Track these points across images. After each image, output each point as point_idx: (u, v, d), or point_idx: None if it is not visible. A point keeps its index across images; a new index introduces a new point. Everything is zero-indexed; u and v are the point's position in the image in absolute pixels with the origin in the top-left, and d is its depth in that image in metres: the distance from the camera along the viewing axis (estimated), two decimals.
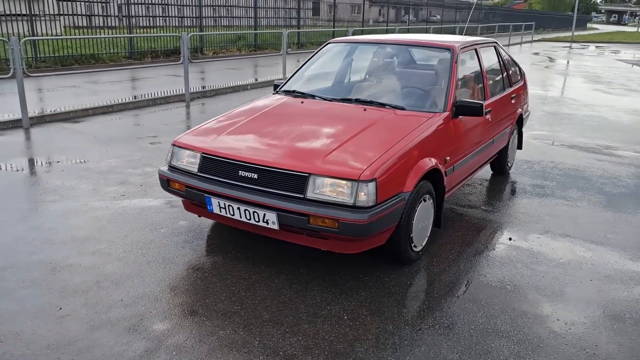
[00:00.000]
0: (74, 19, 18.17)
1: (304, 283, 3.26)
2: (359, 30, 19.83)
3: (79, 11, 16.47)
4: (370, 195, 2.96)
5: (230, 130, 3.66)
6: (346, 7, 42.20)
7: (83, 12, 17.65)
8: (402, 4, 53.44)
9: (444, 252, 3.74)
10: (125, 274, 3.31)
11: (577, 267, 3.57)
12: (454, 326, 2.85)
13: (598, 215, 4.54)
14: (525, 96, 5.88)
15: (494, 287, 3.27)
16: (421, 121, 3.64)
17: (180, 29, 18.11)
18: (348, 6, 43.25)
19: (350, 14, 47.80)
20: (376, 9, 54.88)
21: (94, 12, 21.45)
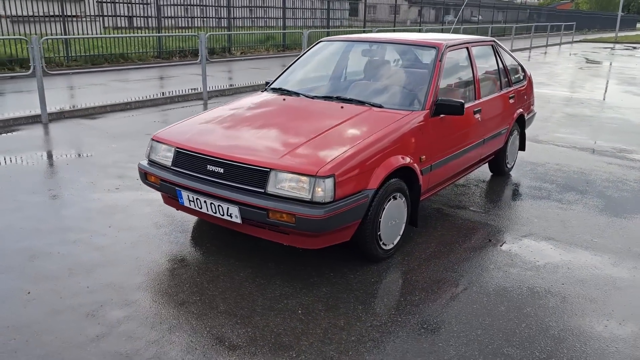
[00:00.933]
0: (115, 19, 18.80)
1: (268, 277, 3.30)
2: (383, 32, 19.72)
3: (120, 13, 17.03)
4: (327, 191, 2.97)
5: (206, 126, 3.74)
6: (384, 7, 42.00)
7: (124, 13, 18.26)
8: (442, 4, 52.81)
9: (417, 251, 3.71)
10: (98, 263, 3.43)
11: (552, 271, 3.49)
12: (406, 325, 2.83)
13: (590, 219, 4.41)
14: (529, 96, 5.76)
15: (458, 288, 3.23)
16: (396, 119, 3.63)
17: (217, 29, 18.41)
18: (386, 7, 43.02)
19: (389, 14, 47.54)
20: (415, 9, 54.41)
21: (134, 13, 22.17)
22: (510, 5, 45.79)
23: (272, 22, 20.74)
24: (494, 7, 42.44)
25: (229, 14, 18.23)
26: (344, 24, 30.54)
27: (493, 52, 5.12)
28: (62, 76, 12.02)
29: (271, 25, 20.42)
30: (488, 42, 5.13)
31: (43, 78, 7.43)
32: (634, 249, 3.85)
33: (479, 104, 4.48)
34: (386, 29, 23.84)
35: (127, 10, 20.56)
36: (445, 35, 4.82)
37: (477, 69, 4.59)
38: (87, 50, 13.28)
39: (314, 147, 3.25)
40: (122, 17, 20.02)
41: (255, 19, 20.68)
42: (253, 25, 20.64)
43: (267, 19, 21.23)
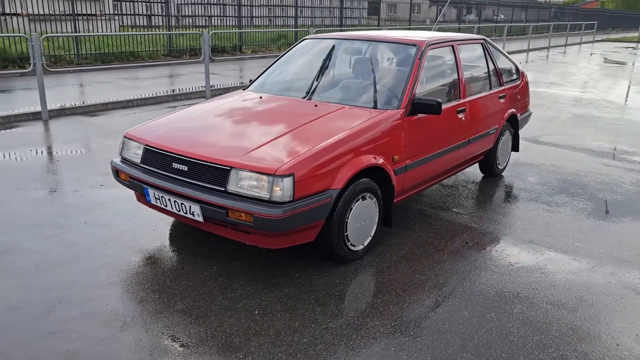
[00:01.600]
0: (134, 18, 19.04)
1: (232, 277, 3.27)
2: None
3: (139, 11, 17.25)
4: (286, 191, 2.93)
5: (177, 124, 3.73)
6: (405, 6, 41.64)
7: (142, 12, 18.49)
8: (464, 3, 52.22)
9: (389, 253, 3.65)
10: (66, 259, 3.44)
11: (525, 275, 3.39)
12: (361, 328, 2.78)
13: (576, 222, 4.29)
14: (523, 96, 5.63)
15: (423, 292, 3.16)
16: (368, 118, 3.57)
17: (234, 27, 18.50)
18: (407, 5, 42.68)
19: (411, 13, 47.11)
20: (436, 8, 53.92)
21: (153, 12, 22.41)
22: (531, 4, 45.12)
23: (287, 21, 20.77)
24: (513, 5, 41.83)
25: (239, 12, 18.28)
26: (362, 22, 30.44)
27: (483, 51, 5.02)
28: (72, 74, 12.18)
29: (286, 24, 20.43)
30: (477, 41, 5.03)
31: (50, 76, 7.54)
32: (615, 253, 3.73)
33: (463, 104, 4.39)
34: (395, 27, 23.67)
35: (146, 9, 20.87)
36: (429, 34, 4.73)
37: (462, 67, 4.50)
38: (98, 48, 13.42)
39: (278, 146, 3.21)
40: (140, 15, 20.27)
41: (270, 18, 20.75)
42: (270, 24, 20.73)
43: (282, 18, 21.29)
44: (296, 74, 4.57)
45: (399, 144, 3.65)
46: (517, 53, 21.84)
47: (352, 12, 30.09)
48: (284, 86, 4.31)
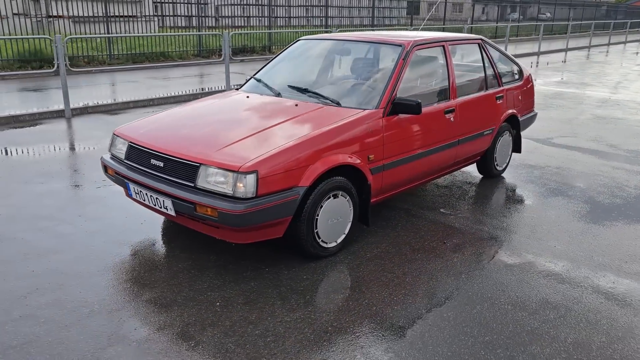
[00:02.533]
0: (175, 19, 19.62)
1: (204, 269, 3.39)
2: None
3: (178, 12, 17.81)
4: (249, 187, 3.02)
5: (161, 122, 3.88)
6: (447, 5, 41.12)
7: (180, 13, 19.08)
8: (509, 1, 51.13)
9: (364, 250, 3.69)
10: (53, 249, 3.63)
11: (495, 276, 3.38)
12: (314, 323, 2.84)
13: (565, 225, 4.21)
14: (526, 97, 5.54)
15: (388, 289, 3.20)
16: (344, 117, 3.62)
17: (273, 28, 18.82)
18: (449, 4, 42.14)
19: (451, 12, 46.49)
20: (479, 6, 52.99)
21: (192, 13, 23.03)
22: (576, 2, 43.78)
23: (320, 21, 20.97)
24: (555, 3, 40.70)
25: (269, 12, 18.52)
26: (401, 22, 30.27)
27: (480, 51, 4.98)
28: (105, 73, 12.67)
29: (315, 24, 20.61)
30: (473, 41, 5.00)
31: (83, 76, 7.86)
32: (595, 257, 3.66)
33: (452, 104, 4.38)
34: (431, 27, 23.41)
35: (185, 10, 21.45)
36: (419, 34, 4.73)
37: (453, 68, 4.48)
38: (130, 48, 13.87)
39: (247, 144, 3.30)
40: (179, 16, 20.85)
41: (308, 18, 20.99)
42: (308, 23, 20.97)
43: (319, 18, 21.49)
44: (286, 73, 4.65)
45: (376, 143, 3.68)
46: (555, 52, 21.29)
47: (390, 11, 29.97)
48: (272, 85, 4.40)
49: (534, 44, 21.55)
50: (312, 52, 4.69)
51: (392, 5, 30.29)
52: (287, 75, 4.60)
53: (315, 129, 3.44)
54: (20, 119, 7.59)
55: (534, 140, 6.90)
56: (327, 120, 3.58)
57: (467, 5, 54.88)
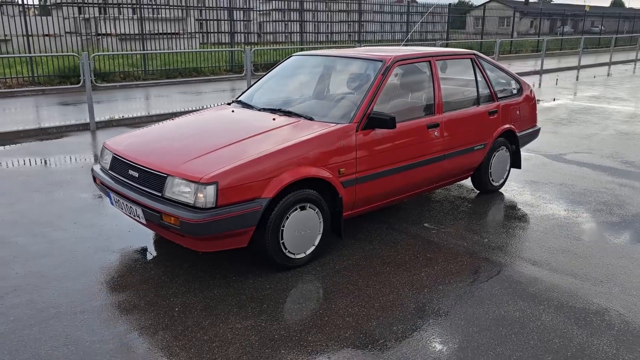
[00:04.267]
0: (218, 35, 20.33)
1: (174, 276, 3.53)
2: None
3: (223, 29, 18.53)
4: (209, 197, 3.14)
5: (146, 135, 4.07)
6: (494, 19, 40.66)
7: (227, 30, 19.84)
8: (558, 15, 50.00)
9: (334, 262, 3.74)
10: (40, 253, 3.86)
11: (453, 292, 3.36)
12: (263, 331, 2.92)
13: (548, 242, 4.13)
14: (526, 112, 5.46)
15: (347, 301, 3.24)
16: (315, 131, 3.71)
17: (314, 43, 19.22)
18: (496, 19, 41.65)
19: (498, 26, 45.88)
20: (527, 20, 52.05)
21: (235, 29, 23.76)
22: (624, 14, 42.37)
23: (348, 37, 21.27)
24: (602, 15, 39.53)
25: (301, 28, 18.85)
26: (444, 37, 30.10)
27: (472, 66, 4.97)
28: (140, 88, 13.22)
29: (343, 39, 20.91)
30: (465, 56, 5.00)
31: (113, 91, 8.26)
32: (568, 278, 3.58)
33: (436, 119, 4.39)
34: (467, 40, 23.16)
35: (230, 27, 22.16)
36: (405, 49, 4.77)
37: (439, 83, 4.51)
38: (164, 64, 14.41)
39: (214, 156, 3.43)
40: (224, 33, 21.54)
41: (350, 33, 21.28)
42: (348, 39, 21.23)
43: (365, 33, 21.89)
44: (275, 88, 4.78)
45: (348, 157, 3.74)
46: (600, 66, 20.67)
47: (434, 26, 29.83)
48: (260, 100, 4.54)
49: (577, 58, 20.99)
50: (302, 68, 4.82)
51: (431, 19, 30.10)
52: (275, 91, 4.73)
53: (284, 142, 3.54)
54: (47, 132, 8.03)
55: (544, 156, 6.77)
56: (298, 134, 3.67)
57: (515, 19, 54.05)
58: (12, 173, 5.93)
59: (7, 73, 12.20)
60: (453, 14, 32.61)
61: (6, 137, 7.63)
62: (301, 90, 4.57)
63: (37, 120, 8.87)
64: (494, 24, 41.24)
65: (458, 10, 41.85)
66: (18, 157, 6.67)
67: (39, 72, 12.31)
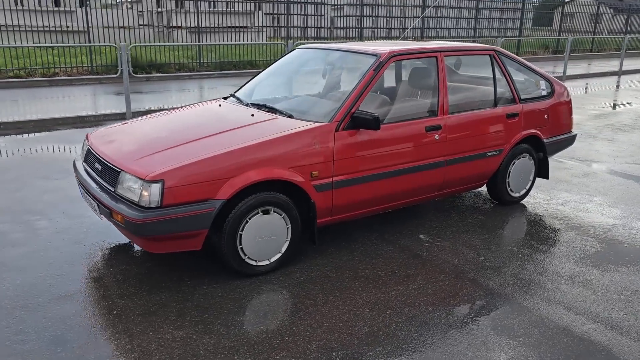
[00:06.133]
0: (288, 30, 20.53)
1: (130, 276, 3.38)
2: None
3: (295, 24, 18.76)
4: (153, 196, 2.96)
5: (124, 128, 3.95)
6: (583, 16, 38.23)
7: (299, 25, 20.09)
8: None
9: (301, 273, 3.45)
10: (18, 241, 3.84)
11: (414, 319, 2.98)
12: (193, 343, 2.70)
13: (556, 268, 3.62)
14: (556, 116, 4.87)
15: (293, 318, 2.96)
16: (288, 129, 3.44)
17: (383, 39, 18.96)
18: (586, 15, 39.17)
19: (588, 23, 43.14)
20: (622, 17, 48.53)
21: (307, 24, 23.87)
22: None
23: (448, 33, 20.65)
24: None
25: (361, 23, 18.47)
26: (524, 34, 28.62)
27: (491, 64, 4.48)
28: (193, 79, 13.42)
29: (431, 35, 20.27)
30: (483, 52, 4.51)
31: (169, 81, 8.39)
32: (563, 312, 3.09)
33: (439, 121, 3.98)
34: None
35: (302, 22, 22.27)
36: (412, 44, 4.36)
37: (445, 81, 4.08)
38: (220, 57, 14.55)
39: (172, 152, 3.24)
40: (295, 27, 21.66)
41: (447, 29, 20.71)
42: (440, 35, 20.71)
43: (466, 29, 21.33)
44: (271, 83, 4.53)
45: (322, 158, 3.44)
46: None
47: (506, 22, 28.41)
48: (251, 95, 4.31)
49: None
50: (301, 62, 4.53)
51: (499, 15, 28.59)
52: (269, 85, 4.48)
53: (247, 142, 3.29)
54: (85, 120, 8.24)
55: (588, 165, 6.10)
56: (268, 133, 3.41)
57: (607, 15, 50.52)
58: (31, 160, 6.07)
59: (70, 62, 12.73)
60: (539, 10, 30.93)
61: (45, 125, 7.89)
62: (294, 85, 4.29)
63: (83, 108, 9.12)
64: (583, 21, 38.71)
65: (545, 6, 39.58)
66: (46, 144, 6.85)
67: (97, 62, 12.75)
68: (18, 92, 10.80)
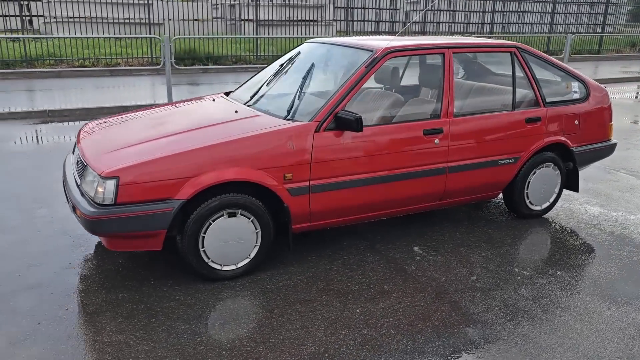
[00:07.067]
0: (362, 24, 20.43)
1: (97, 272, 3.34)
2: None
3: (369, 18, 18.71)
4: (107, 193, 2.88)
5: (113, 122, 3.92)
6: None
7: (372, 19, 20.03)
8: None
9: (270, 280, 3.27)
10: (7, 230, 3.92)
11: (377, 343, 2.71)
12: (127, 349, 2.59)
13: (558, 297, 3.21)
14: (589, 122, 4.34)
15: (239, 331, 2.78)
16: (262, 128, 3.26)
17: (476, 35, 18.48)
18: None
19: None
20: None
21: (381, 18, 23.59)
22: None
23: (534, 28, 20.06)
24: None
25: (424, 17, 17.82)
26: (617, 30, 26.69)
27: (511, 63, 4.05)
28: (250, 72, 13.48)
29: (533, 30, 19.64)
30: (503, 49, 4.09)
31: (226, 74, 8.47)
32: None
33: (440, 123, 3.66)
34: None
35: (375, 16, 22.03)
36: (418, 39, 4.01)
37: (452, 80, 3.74)
38: (278, 50, 14.55)
39: (139, 149, 3.15)
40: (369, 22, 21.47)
41: None
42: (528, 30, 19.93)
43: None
44: (273, 78, 4.32)
45: (298, 160, 3.23)
46: None
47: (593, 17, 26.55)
48: (249, 91, 4.14)
49: None
50: (305, 57, 4.28)
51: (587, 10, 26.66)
52: (271, 81, 4.26)
53: (217, 139, 3.14)
54: (127, 109, 8.41)
55: (638, 177, 5.45)
56: (242, 131, 3.25)
57: None
58: (61, 148, 6.23)
59: (132, 53, 13.19)
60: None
61: (89, 113, 8.16)
62: (291, 81, 4.07)
63: (132, 98, 9.36)
64: None
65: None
66: None
67: (157, 53, 13.11)
68: (80, 80, 11.29)
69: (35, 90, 10.16)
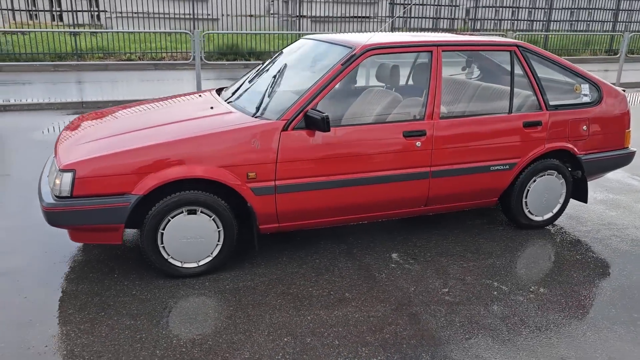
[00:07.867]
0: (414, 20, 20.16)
1: (71, 263, 3.39)
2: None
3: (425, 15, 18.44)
4: (64, 185, 2.91)
5: (97, 115, 3.98)
6: None
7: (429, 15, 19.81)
8: None
9: (230, 280, 3.21)
10: (8, 215, 4.06)
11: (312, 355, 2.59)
12: (67, 341, 2.61)
13: (509, 317, 2.98)
14: (600, 127, 4.01)
15: (183, 329, 2.74)
16: (227, 125, 3.21)
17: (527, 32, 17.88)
18: None
19: None
20: None
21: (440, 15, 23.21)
22: None
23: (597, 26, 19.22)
24: None
25: (474, 14, 17.21)
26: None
27: (511, 62, 3.80)
28: None
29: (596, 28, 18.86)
30: (503, 47, 3.84)
31: None
32: None
33: (422, 125, 3.48)
34: None
35: (433, 12, 21.65)
36: (406, 35, 3.82)
37: (439, 80, 3.55)
38: None
39: (103, 143, 3.17)
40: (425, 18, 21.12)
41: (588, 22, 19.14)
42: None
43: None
44: (262, 75, 4.24)
45: (263, 159, 3.15)
46: None
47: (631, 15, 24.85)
48: (234, 88, 4.09)
49: None
50: (296, 54, 4.20)
51: None
52: (259, 77, 4.19)
53: (177, 136, 3.12)
54: None
55: None
56: (207, 128, 3.21)
57: None
58: None
59: (177, 47, 13.51)
60: None
61: None
62: (272, 78, 3.98)
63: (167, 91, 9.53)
64: None
65: None
66: None
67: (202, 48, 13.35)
68: (125, 73, 11.67)
69: (80, 83, 10.58)
